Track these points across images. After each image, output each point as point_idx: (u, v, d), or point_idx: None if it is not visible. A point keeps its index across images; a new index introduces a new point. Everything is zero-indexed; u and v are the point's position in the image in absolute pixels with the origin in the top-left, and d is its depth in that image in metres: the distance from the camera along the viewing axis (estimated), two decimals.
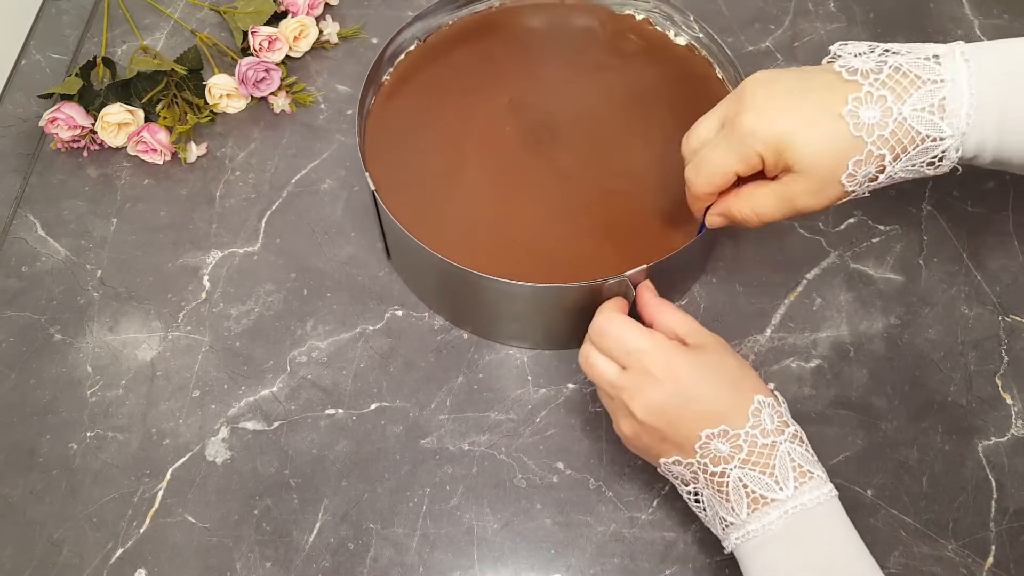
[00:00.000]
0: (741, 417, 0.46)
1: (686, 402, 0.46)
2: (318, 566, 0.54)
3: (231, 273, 0.65)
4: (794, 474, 0.45)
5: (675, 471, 0.48)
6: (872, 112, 0.44)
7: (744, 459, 0.45)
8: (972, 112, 0.43)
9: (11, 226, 0.67)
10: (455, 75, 0.66)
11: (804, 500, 0.44)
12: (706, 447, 0.46)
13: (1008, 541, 0.54)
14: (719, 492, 0.46)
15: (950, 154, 0.45)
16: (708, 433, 0.46)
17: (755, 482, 0.45)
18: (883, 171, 0.46)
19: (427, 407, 0.59)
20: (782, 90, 0.46)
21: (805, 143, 0.45)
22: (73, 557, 0.54)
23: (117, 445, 0.58)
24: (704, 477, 0.47)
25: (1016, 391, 0.59)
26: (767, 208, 0.48)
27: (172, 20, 0.78)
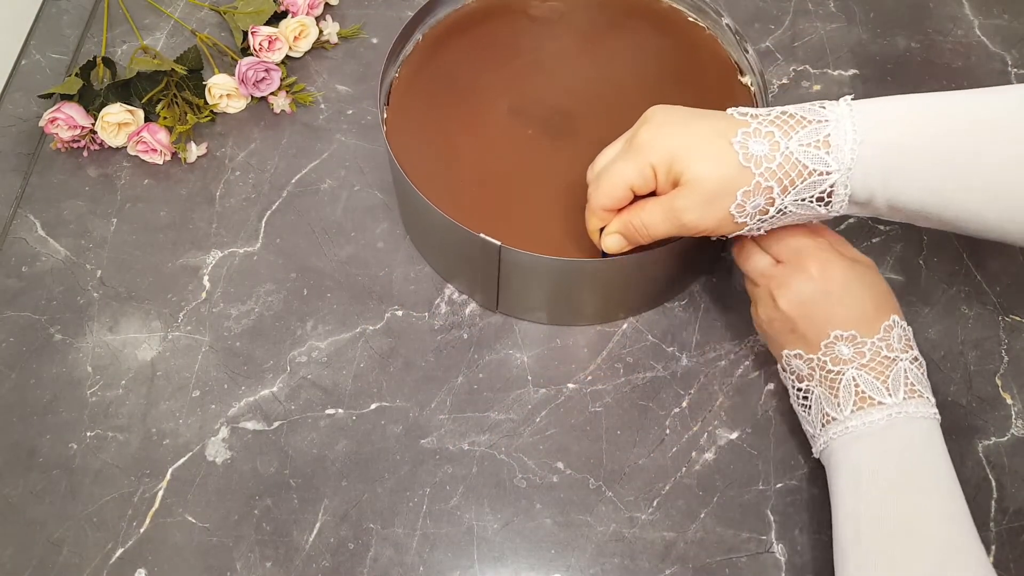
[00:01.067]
0: (873, 329, 0.49)
1: (828, 302, 0.49)
2: (318, 566, 0.54)
3: (231, 273, 0.65)
4: (905, 387, 0.48)
5: (794, 365, 0.51)
6: (760, 145, 0.47)
7: (863, 364, 0.48)
8: (856, 148, 0.45)
9: (11, 226, 0.67)
10: (478, 54, 0.66)
11: (909, 410, 0.47)
12: (831, 347, 0.49)
13: (1008, 541, 0.54)
14: (830, 389, 0.49)
15: (839, 190, 0.47)
16: (837, 334, 0.49)
17: (867, 384, 0.48)
18: (772, 204, 0.48)
19: (427, 407, 0.59)
20: (681, 115, 0.49)
21: (694, 157, 0.47)
22: (73, 557, 0.54)
23: (117, 445, 0.58)
24: (820, 374, 0.49)
25: (1016, 391, 0.59)
26: (654, 220, 0.50)
27: (172, 20, 0.78)
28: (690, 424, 0.58)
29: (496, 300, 0.61)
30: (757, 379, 0.60)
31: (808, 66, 0.75)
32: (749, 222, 0.49)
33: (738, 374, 0.60)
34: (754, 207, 0.48)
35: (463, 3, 0.68)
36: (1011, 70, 0.75)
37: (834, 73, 0.74)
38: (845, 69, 0.75)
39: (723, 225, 0.49)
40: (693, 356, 0.61)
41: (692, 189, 0.47)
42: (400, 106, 0.63)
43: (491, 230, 0.54)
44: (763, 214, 0.48)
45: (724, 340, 0.61)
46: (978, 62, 0.75)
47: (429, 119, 0.63)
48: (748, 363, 0.60)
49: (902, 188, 0.46)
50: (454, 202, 0.57)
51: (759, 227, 0.50)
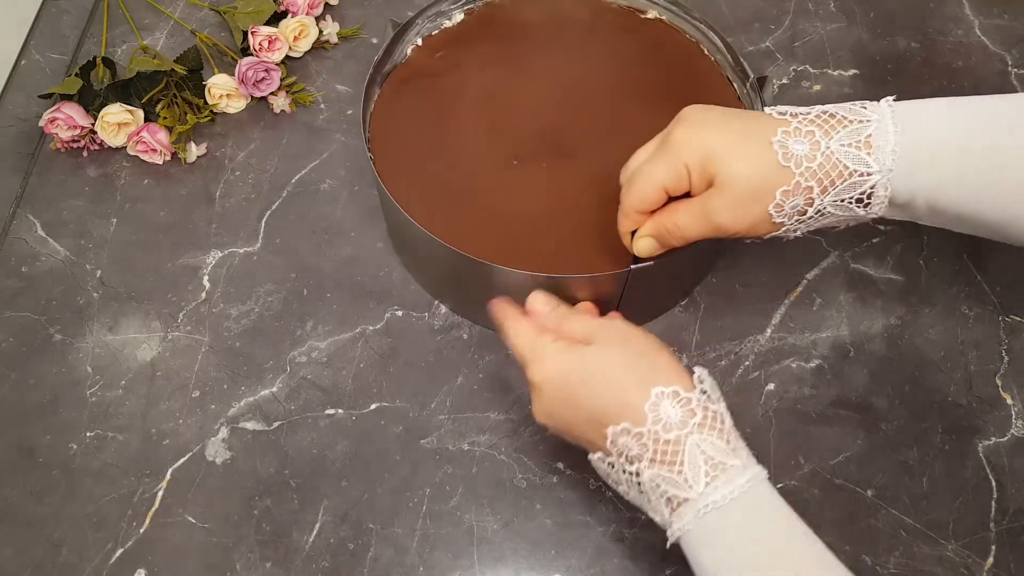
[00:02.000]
0: (640, 413, 0.43)
1: (567, 404, 0.46)
2: (318, 566, 0.54)
3: (231, 273, 0.65)
4: (705, 468, 0.42)
5: (602, 470, 0.47)
6: (800, 145, 0.45)
7: (652, 459, 0.43)
8: (898, 149, 0.44)
9: (11, 226, 0.67)
10: (461, 71, 0.66)
11: (716, 497, 0.42)
12: (616, 445, 0.44)
13: (1008, 541, 0.54)
14: (640, 494, 0.45)
15: (878, 191, 0.46)
16: (613, 431, 0.44)
17: (667, 482, 0.43)
18: (811, 204, 0.46)
19: (427, 407, 0.59)
20: (716, 114, 0.48)
21: (730, 156, 0.46)
22: (73, 557, 0.54)
23: (117, 445, 0.58)
24: (625, 477, 0.45)
25: (1016, 391, 0.59)
26: (687, 221, 0.48)
27: (172, 20, 0.78)
28: None
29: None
30: (757, 379, 0.60)
31: (808, 66, 0.75)
32: (787, 222, 0.47)
33: (738, 374, 0.60)
34: (793, 207, 0.46)
35: (450, 21, 0.68)
36: (1011, 70, 0.75)
37: (834, 73, 0.74)
38: (845, 69, 0.75)
39: (759, 226, 0.47)
40: (693, 356, 0.61)
41: (727, 189, 0.46)
42: (384, 128, 0.63)
43: (481, 249, 0.54)
44: (801, 215, 0.47)
45: (724, 340, 0.61)
46: (978, 62, 0.75)
47: (415, 140, 0.63)
48: (748, 363, 0.60)
49: (943, 190, 0.45)
50: (443, 223, 0.57)
51: (796, 228, 0.48)
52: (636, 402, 0.44)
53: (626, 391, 0.44)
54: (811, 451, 0.57)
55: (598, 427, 0.45)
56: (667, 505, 0.43)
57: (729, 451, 0.43)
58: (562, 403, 0.46)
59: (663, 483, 0.43)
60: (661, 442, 0.43)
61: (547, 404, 0.47)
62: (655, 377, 0.44)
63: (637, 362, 0.45)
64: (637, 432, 0.43)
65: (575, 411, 0.46)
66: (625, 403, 0.44)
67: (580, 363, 0.46)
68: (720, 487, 0.42)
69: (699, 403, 0.44)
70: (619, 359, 0.46)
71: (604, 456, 0.46)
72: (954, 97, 0.47)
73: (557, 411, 0.47)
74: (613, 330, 0.47)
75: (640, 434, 0.43)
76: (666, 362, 0.46)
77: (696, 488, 0.42)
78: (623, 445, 0.44)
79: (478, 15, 0.69)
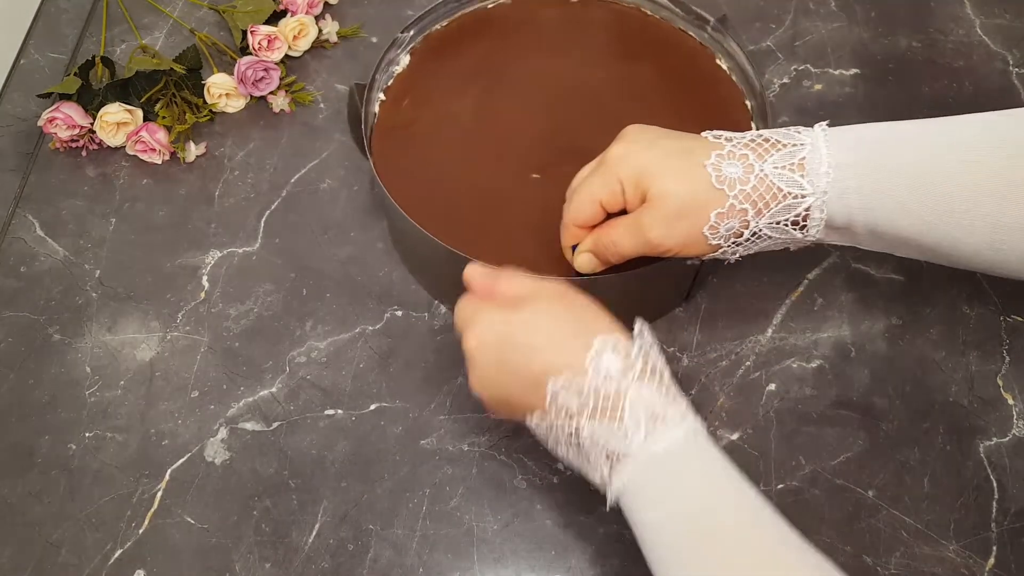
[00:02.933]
0: (581, 365, 0.43)
1: (503, 369, 0.45)
2: (317, 567, 0.54)
3: (230, 273, 0.64)
4: (645, 419, 0.41)
5: (541, 432, 0.46)
6: (734, 167, 0.46)
7: (592, 411, 0.42)
8: (831, 171, 0.45)
9: (10, 226, 0.67)
10: (461, 73, 0.66)
11: (656, 449, 0.41)
12: (555, 402, 0.43)
13: (1009, 542, 0.54)
14: (580, 452, 0.44)
15: (814, 214, 0.46)
16: (553, 387, 0.43)
17: (606, 435, 0.42)
18: (747, 226, 0.47)
19: (427, 407, 0.59)
20: (654, 134, 0.49)
21: (662, 174, 0.47)
22: (72, 558, 0.54)
23: (116, 446, 0.58)
24: (564, 438, 0.44)
25: (1018, 391, 0.59)
26: (621, 236, 0.49)
27: (171, 19, 0.78)
28: None
29: None
30: (758, 379, 0.60)
31: (809, 65, 0.75)
32: (724, 244, 0.48)
33: (739, 374, 0.60)
34: (728, 229, 0.47)
35: (447, 20, 0.68)
36: (1012, 69, 0.75)
37: (835, 72, 0.74)
38: (846, 68, 0.75)
39: (691, 245, 0.48)
40: (694, 357, 0.61)
41: (657, 205, 0.47)
42: (386, 134, 0.63)
43: (484, 253, 0.53)
44: (737, 236, 0.48)
45: (725, 340, 0.61)
46: (979, 61, 0.75)
47: (418, 145, 0.62)
48: (749, 363, 0.60)
49: (880, 212, 0.45)
50: (446, 226, 0.56)
51: (735, 250, 0.49)
52: (576, 354, 0.43)
53: (566, 344, 0.44)
54: (812, 451, 0.57)
55: (537, 386, 0.44)
56: (607, 461, 0.42)
57: (669, 402, 0.42)
58: (497, 367, 0.45)
59: (603, 437, 0.42)
60: (602, 394, 0.42)
61: (481, 370, 0.46)
62: (594, 329, 0.44)
63: (575, 316, 0.45)
64: (578, 385, 0.42)
65: (512, 373, 0.45)
66: (565, 356, 0.43)
67: (516, 323, 0.45)
68: (660, 439, 0.41)
69: (639, 354, 0.43)
70: (556, 314, 0.45)
71: (542, 415, 0.44)
72: (891, 121, 0.47)
73: (493, 376, 0.45)
74: (548, 289, 0.47)
75: (580, 387, 0.42)
76: (603, 317, 0.45)
77: (636, 440, 0.41)
78: (563, 401, 0.43)
79: (475, 15, 0.69)
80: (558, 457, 0.46)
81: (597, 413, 0.42)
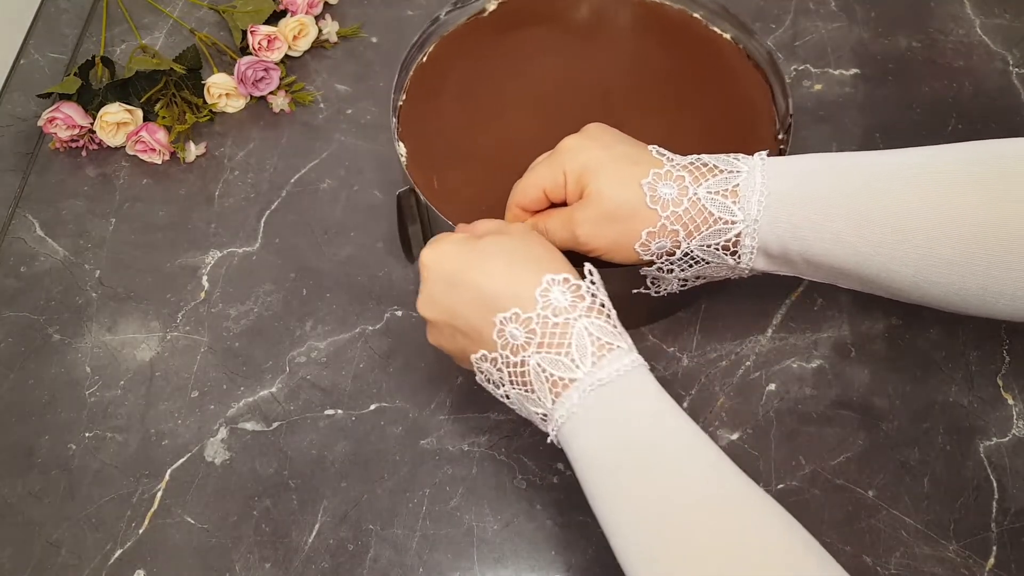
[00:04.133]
0: (530, 298, 0.43)
1: (454, 288, 0.45)
2: (317, 567, 0.54)
3: (230, 273, 0.64)
4: (592, 348, 0.42)
5: (484, 370, 0.46)
6: (669, 188, 0.47)
7: (540, 343, 0.43)
8: (763, 199, 0.45)
9: (10, 226, 0.67)
10: (491, 64, 0.64)
11: (602, 375, 0.41)
12: (503, 334, 0.44)
13: (1009, 542, 0.54)
14: (524, 386, 0.44)
15: (745, 241, 0.46)
16: (501, 318, 0.43)
17: (553, 364, 0.42)
18: (679, 247, 0.48)
19: (427, 407, 0.59)
20: (609, 136, 0.50)
21: (603, 173, 0.47)
22: (72, 558, 0.54)
23: (116, 446, 0.58)
24: (508, 371, 0.44)
25: (1018, 391, 0.59)
26: (554, 226, 0.50)
27: (171, 19, 0.78)
28: None
29: None
30: (758, 379, 0.60)
31: (809, 65, 0.75)
32: (657, 261, 0.49)
33: (739, 374, 0.60)
34: (659, 247, 0.48)
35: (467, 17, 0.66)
36: (1012, 69, 0.75)
37: (835, 72, 0.74)
38: (846, 68, 0.75)
39: (618, 251, 0.48)
40: (694, 356, 0.61)
41: (591, 203, 0.48)
42: (414, 131, 0.61)
43: None
44: (670, 255, 0.48)
45: (725, 340, 0.61)
46: (979, 61, 0.75)
47: (447, 142, 0.60)
48: (749, 363, 0.60)
49: (815, 242, 0.45)
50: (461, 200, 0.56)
51: (669, 267, 0.50)
52: (526, 287, 0.43)
53: (517, 276, 0.44)
54: (812, 451, 0.57)
55: (484, 314, 0.44)
56: (551, 391, 0.43)
57: (616, 334, 0.43)
58: (448, 287, 0.45)
59: (549, 366, 0.42)
60: (550, 325, 0.43)
61: (432, 287, 0.46)
62: (546, 266, 0.45)
63: (529, 251, 0.46)
64: (526, 317, 0.43)
65: (461, 295, 0.45)
66: (515, 288, 0.44)
67: (474, 249, 0.45)
68: (606, 365, 0.42)
69: (588, 291, 0.44)
70: (512, 247, 0.46)
71: (487, 353, 0.45)
72: (831, 153, 0.48)
73: (442, 295, 0.46)
74: (514, 228, 0.48)
75: (529, 319, 0.43)
76: (560, 257, 0.46)
77: (583, 367, 0.42)
78: (509, 334, 0.43)
79: (511, 6, 0.67)
80: (499, 398, 0.47)
81: (544, 345, 0.43)
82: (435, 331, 0.48)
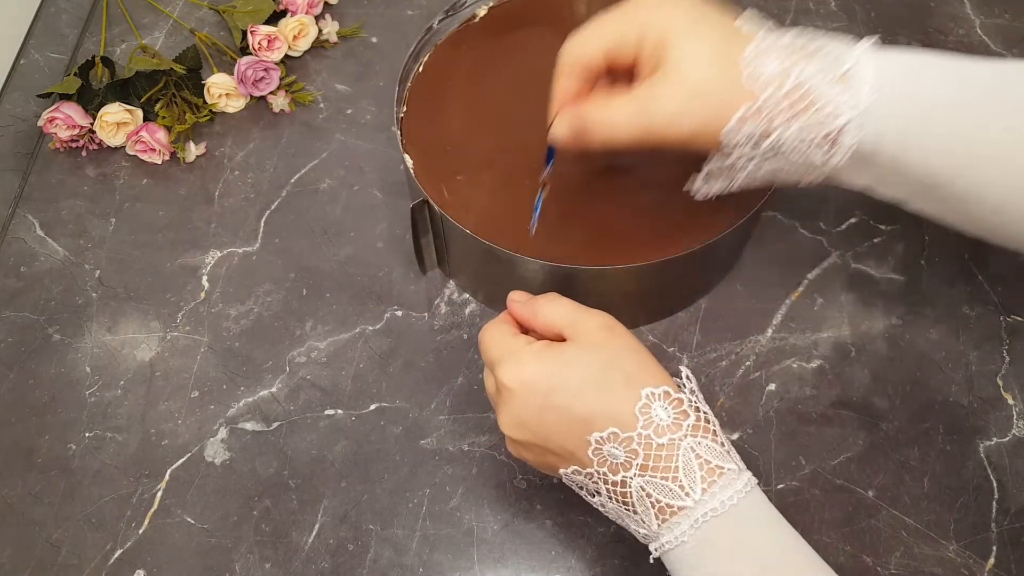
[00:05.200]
0: (629, 416, 0.40)
1: (543, 411, 0.41)
2: (317, 567, 0.54)
3: (230, 273, 0.64)
4: (701, 473, 0.39)
5: (578, 481, 0.43)
6: (771, 66, 0.40)
7: (643, 464, 0.40)
8: (875, 92, 0.40)
9: (10, 226, 0.67)
10: (486, 69, 0.64)
11: (715, 504, 0.39)
12: (600, 452, 0.41)
13: (1009, 542, 0.54)
14: (624, 504, 0.41)
15: (849, 133, 0.41)
16: (598, 437, 0.40)
17: (659, 490, 0.39)
18: (769, 135, 0.41)
19: (427, 407, 0.59)
20: (699, 2, 0.43)
21: (692, 42, 0.40)
22: (72, 558, 0.54)
23: (116, 446, 0.58)
24: (606, 488, 0.42)
25: (1018, 391, 0.59)
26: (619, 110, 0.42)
27: (171, 19, 0.78)
28: None
29: None
30: (758, 380, 0.60)
31: None
32: (740, 150, 0.42)
33: (739, 375, 0.60)
34: (748, 135, 0.41)
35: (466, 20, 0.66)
36: None
37: None
38: None
39: (699, 137, 0.42)
40: (694, 356, 0.61)
41: (675, 77, 0.40)
42: (418, 142, 0.61)
43: (502, 237, 0.53)
44: (756, 146, 0.42)
45: (725, 340, 0.61)
46: None
47: (451, 150, 0.60)
48: (749, 364, 0.60)
49: (914, 144, 0.40)
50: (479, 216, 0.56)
51: (750, 158, 0.43)
52: (624, 405, 0.40)
53: (612, 393, 0.41)
54: (812, 451, 0.57)
55: (578, 435, 0.41)
56: (657, 516, 0.40)
57: (724, 454, 0.40)
58: (538, 409, 0.42)
59: (655, 491, 0.40)
60: (654, 447, 0.40)
61: (519, 411, 0.42)
62: (642, 377, 0.41)
63: (621, 361, 0.42)
64: (626, 437, 0.40)
65: (552, 418, 0.41)
66: (611, 407, 0.40)
67: (560, 364, 0.42)
68: (718, 493, 0.39)
69: (690, 404, 0.41)
70: (602, 362, 0.42)
71: (581, 469, 0.42)
72: (949, 52, 0.43)
73: (531, 419, 0.42)
74: (591, 324, 0.43)
75: (629, 439, 0.40)
76: (650, 361, 0.42)
77: (693, 495, 0.39)
78: (608, 453, 0.40)
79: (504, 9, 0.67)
80: (593, 505, 0.45)
81: (648, 468, 0.40)
82: (518, 447, 0.44)
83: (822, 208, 0.66)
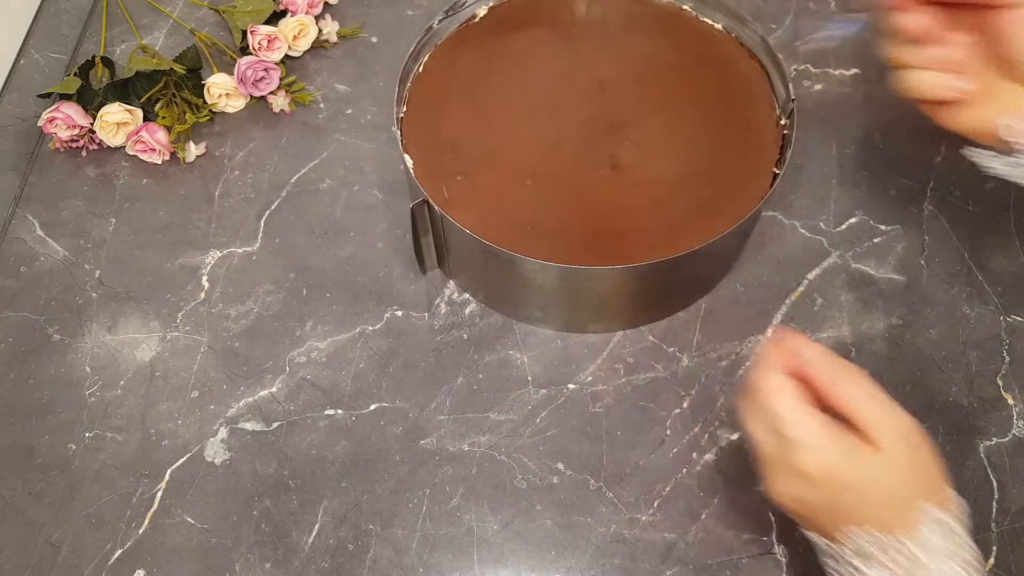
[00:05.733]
0: (900, 525, 0.41)
1: (832, 503, 0.42)
2: (317, 567, 0.54)
3: (230, 273, 0.64)
4: None
5: (820, 546, 0.44)
6: None
7: (890, 567, 0.40)
8: None
9: (10, 226, 0.67)
10: (486, 69, 0.64)
11: None
12: (853, 540, 0.42)
13: (1009, 542, 0.54)
14: None
15: None
16: (866, 536, 0.41)
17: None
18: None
19: (427, 407, 0.59)
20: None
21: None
22: (72, 558, 0.54)
23: (116, 446, 0.58)
24: (847, 569, 0.42)
25: (1018, 391, 0.59)
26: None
27: (171, 19, 0.78)
28: (691, 425, 0.58)
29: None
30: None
31: (809, 65, 0.75)
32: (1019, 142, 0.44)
33: (739, 374, 0.60)
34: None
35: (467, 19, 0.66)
36: None
37: (835, 73, 0.74)
38: (846, 68, 0.74)
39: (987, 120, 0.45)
40: (694, 356, 0.61)
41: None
42: (418, 142, 0.61)
43: (508, 239, 0.53)
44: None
45: (725, 340, 0.61)
46: None
47: (450, 150, 0.61)
48: (749, 363, 0.60)
49: None
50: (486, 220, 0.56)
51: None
52: (904, 518, 0.41)
53: (896, 511, 0.41)
54: None
55: (843, 523, 0.42)
56: None
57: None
58: (826, 500, 0.42)
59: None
60: (919, 565, 0.40)
61: (806, 492, 0.43)
62: (929, 495, 0.42)
63: (914, 478, 0.42)
64: (893, 545, 0.40)
65: (831, 507, 0.42)
66: (890, 520, 0.41)
67: (863, 471, 0.42)
68: None
69: (964, 541, 0.41)
70: (899, 475, 0.42)
71: (829, 542, 0.43)
72: None
73: (814, 501, 0.43)
74: (897, 436, 0.42)
75: (896, 548, 0.40)
76: (939, 480, 0.43)
77: None
78: (866, 547, 0.41)
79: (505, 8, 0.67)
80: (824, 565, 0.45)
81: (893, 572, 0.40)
82: (782, 499, 0.44)
83: (822, 208, 0.66)
